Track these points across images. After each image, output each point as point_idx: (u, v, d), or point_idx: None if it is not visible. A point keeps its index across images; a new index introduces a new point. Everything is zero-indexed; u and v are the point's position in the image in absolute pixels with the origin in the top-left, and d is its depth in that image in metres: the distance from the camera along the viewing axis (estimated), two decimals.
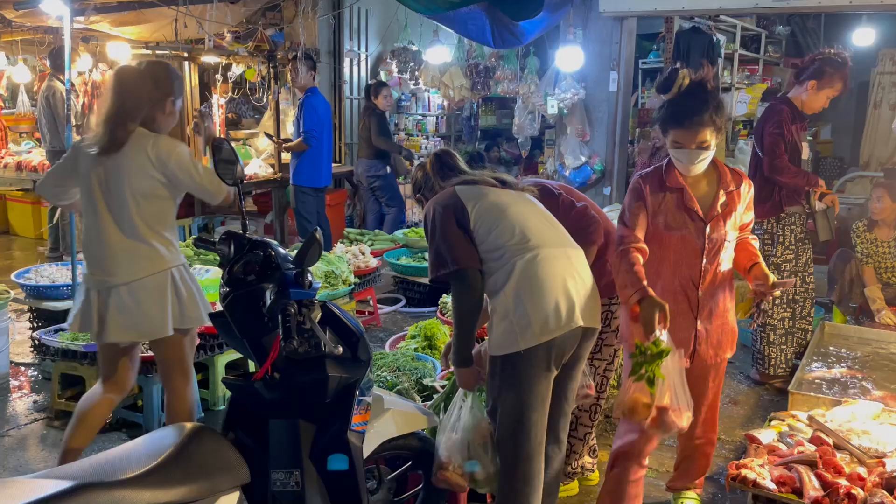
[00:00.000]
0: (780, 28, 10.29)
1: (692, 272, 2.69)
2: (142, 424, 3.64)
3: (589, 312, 2.42)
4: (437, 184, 2.67)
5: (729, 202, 2.67)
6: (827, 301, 5.23)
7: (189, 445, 1.72)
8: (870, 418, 3.20)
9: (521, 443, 2.41)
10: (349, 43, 8.12)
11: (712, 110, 2.55)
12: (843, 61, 3.99)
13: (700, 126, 2.54)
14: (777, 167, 4.01)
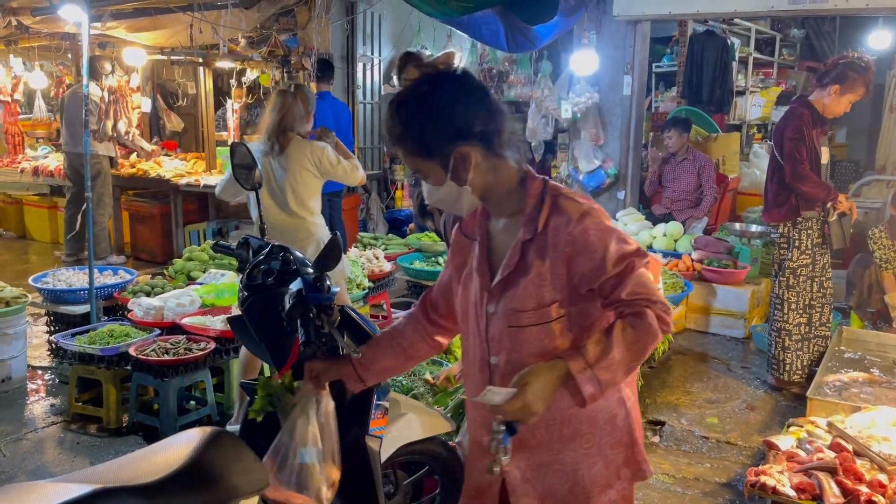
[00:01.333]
0: (795, 31, 10.24)
1: (482, 372, 1.76)
2: (158, 428, 3.65)
3: None
4: None
5: (523, 256, 1.65)
6: (844, 306, 5.19)
7: (209, 450, 1.72)
8: (890, 424, 3.17)
9: None
10: (362, 48, 8.14)
11: (401, 128, 1.64)
12: (866, 66, 3.96)
13: (396, 149, 1.69)
14: (800, 174, 3.96)
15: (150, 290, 4.38)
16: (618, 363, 1.54)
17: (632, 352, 1.55)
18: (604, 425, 1.71)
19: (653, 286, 1.61)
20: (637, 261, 1.59)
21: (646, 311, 1.56)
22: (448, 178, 1.64)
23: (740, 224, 6.26)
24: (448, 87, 1.63)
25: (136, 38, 6.98)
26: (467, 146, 1.60)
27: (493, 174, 1.66)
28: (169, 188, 6.98)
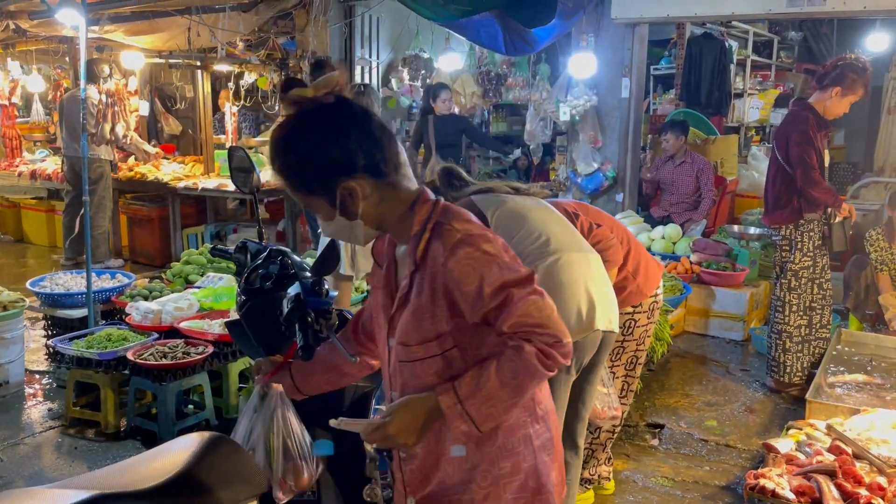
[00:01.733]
0: (793, 33, 10.26)
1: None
2: (156, 433, 3.64)
3: (609, 316, 2.44)
4: (450, 196, 2.67)
5: (410, 287, 1.59)
6: (842, 308, 5.19)
7: (207, 455, 1.71)
8: (889, 427, 3.17)
9: None
10: (360, 51, 8.14)
11: (280, 164, 1.57)
12: (864, 66, 3.98)
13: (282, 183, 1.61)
14: (812, 180, 3.95)
15: (148, 294, 4.38)
16: (493, 400, 1.47)
17: (508, 388, 1.47)
18: (503, 465, 1.58)
19: (543, 316, 1.47)
20: (517, 291, 1.47)
21: (524, 345, 1.46)
22: (337, 215, 1.56)
23: (739, 226, 6.26)
24: (324, 122, 1.54)
25: (134, 41, 6.98)
26: (352, 181, 1.52)
27: (386, 203, 1.58)
28: (167, 191, 6.98)
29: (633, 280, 2.88)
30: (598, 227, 2.80)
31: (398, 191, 1.59)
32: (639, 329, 3.00)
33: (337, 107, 1.55)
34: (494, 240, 1.54)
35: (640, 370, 3.18)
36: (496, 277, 1.48)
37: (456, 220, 1.56)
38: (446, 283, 1.52)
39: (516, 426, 1.59)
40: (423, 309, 1.56)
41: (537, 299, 1.49)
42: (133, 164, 7.55)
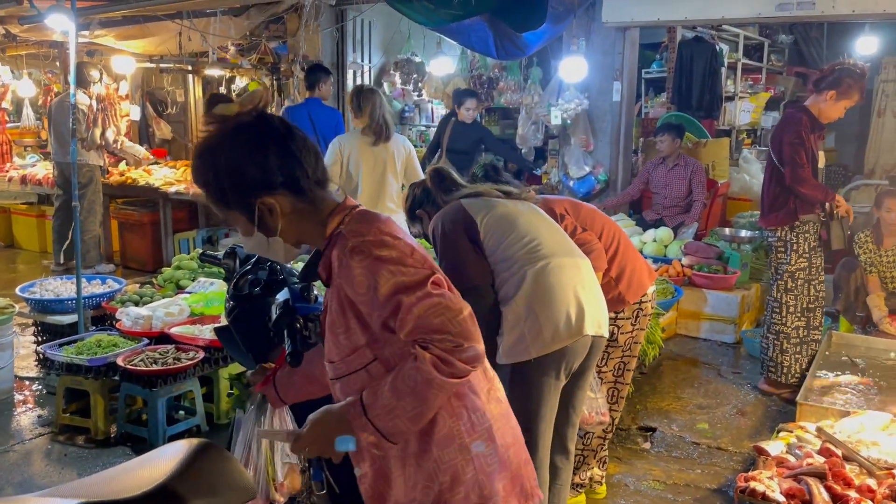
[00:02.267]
0: (783, 37, 10.31)
1: None
2: (147, 439, 3.62)
3: (598, 321, 2.44)
4: (441, 198, 2.68)
5: (329, 302, 1.62)
6: (832, 310, 5.21)
7: (195, 462, 1.70)
8: (879, 429, 3.18)
9: (529, 451, 2.41)
10: (352, 55, 8.14)
11: (200, 179, 1.58)
12: (861, 72, 4.02)
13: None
14: (800, 177, 3.99)
15: (139, 300, 4.36)
16: (396, 410, 1.44)
17: (410, 399, 1.44)
18: (443, 479, 1.54)
19: (442, 320, 1.42)
20: (410, 295, 1.44)
21: (421, 353, 1.42)
22: (255, 231, 1.56)
23: (730, 229, 6.28)
24: (243, 138, 1.53)
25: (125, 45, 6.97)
26: (270, 197, 1.53)
27: (306, 219, 1.58)
28: (158, 196, 6.96)
29: (615, 286, 2.87)
30: (582, 231, 2.80)
31: (319, 206, 1.59)
32: (623, 336, 2.98)
33: (256, 124, 1.55)
34: (393, 244, 1.50)
35: (631, 376, 3.17)
36: (388, 282, 1.45)
37: (355, 228, 1.54)
38: (346, 293, 1.51)
39: (450, 437, 1.54)
40: (336, 324, 1.56)
41: (435, 301, 1.44)
42: (124, 169, 7.53)
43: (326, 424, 1.53)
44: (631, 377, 3.17)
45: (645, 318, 3.03)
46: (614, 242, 2.95)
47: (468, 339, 1.44)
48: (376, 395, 1.47)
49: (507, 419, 1.67)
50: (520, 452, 1.67)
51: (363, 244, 1.49)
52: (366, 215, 1.59)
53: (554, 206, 2.88)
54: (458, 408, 1.55)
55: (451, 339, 1.42)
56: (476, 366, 1.47)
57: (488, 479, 1.56)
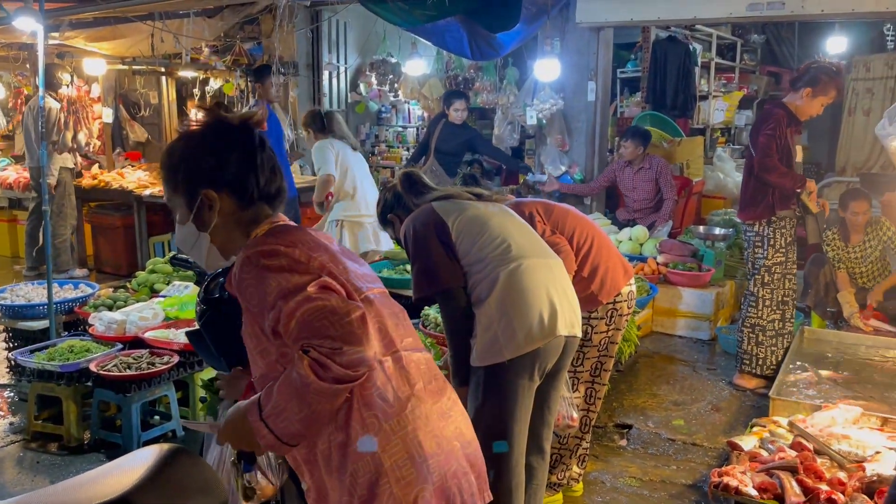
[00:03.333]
0: (755, 36, 10.43)
1: None
2: (121, 445, 3.58)
3: (570, 321, 2.45)
4: (411, 202, 2.68)
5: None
6: (802, 306, 5.28)
7: (166, 467, 1.68)
8: (849, 423, 3.23)
9: (504, 454, 2.42)
10: (328, 56, 8.12)
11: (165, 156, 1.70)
12: (836, 70, 4.11)
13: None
14: (766, 166, 4.05)
15: (112, 304, 4.31)
16: (285, 412, 1.45)
17: (294, 401, 1.44)
18: (360, 493, 1.52)
19: (322, 325, 1.42)
20: (289, 301, 1.44)
21: (300, 356, 1.42)
22: (190, 220, 1.64)
23: (704, 227, 6.33)
24: (215, 134, 1.65)
25: (96, 47, 6.88)
26: (214, 192, 1.61)
27: (240, 229, 1.65)
28: (132, 199, 6.88)
29: (587, 286, 2.88)
30: (552, 234, 2.82)
31: (254, 219, 1.66)
32: (598, 336, 3.00)
33: (235, 127, 1.65)
34: (284, 253, 1.52)
35: (608, 376, 3.18)
36: (271, 290, 1.47)
37: (256, 241, 1.58)
38: (246, 307, 1.55)
39: (361, 451, 1.53)
40: (247, 336, 1.59)
41: (317, 305, 1.44)
42: (97, 172, 7.44)
43: (237, 420, 1.55)
44: (608, 377, 3.18)
45: (621, 318, 3.03)
46: (587, 242, 2.95)
47: (350, 343, 1.42)
48: (269, 395, 1.48)
49: (430, 425, 1.60)
50: (448, 462, 1.60)
51: (252, 256, 1.53)
52: (280, 229, 1.63)
53: (524, 209, 2.89)
54: (368, 418, 1.52)
55: (330, 343, 1.41)
56: (360, 370, 1.44)
57: (403, 491, 1.52)
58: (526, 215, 2.82)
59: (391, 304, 1.72)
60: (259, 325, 1.53)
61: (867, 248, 4.96)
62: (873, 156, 8.96)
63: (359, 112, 8.60)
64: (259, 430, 1.48)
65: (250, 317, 1.55)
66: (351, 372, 1.43)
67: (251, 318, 1.55)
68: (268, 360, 1.55)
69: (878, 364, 4.13)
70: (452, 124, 6.61)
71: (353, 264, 1.65)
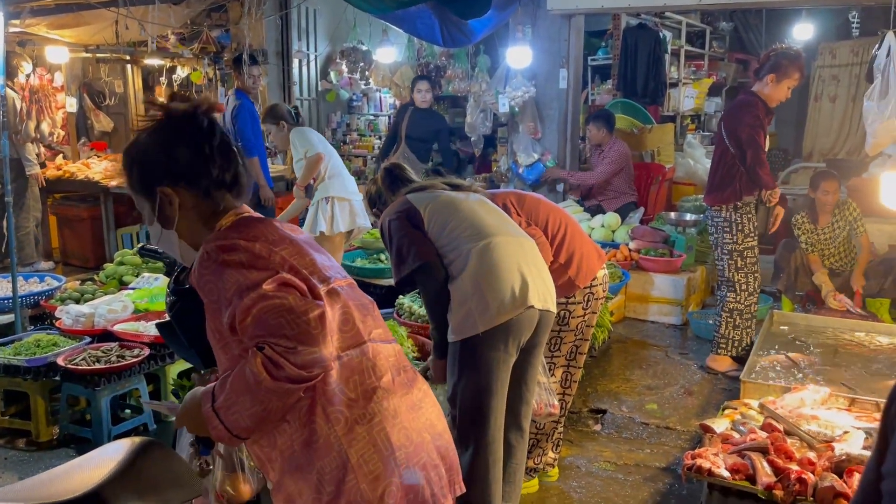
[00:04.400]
0: (724, 24, 10.53)
1: None
2: (91, 439, 3.53)
3: (544, 296, 2.49)
4: (389, 197, 2.79)
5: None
6: (773, 290, 5.36)
7: (138, 460, 1.67)
8: (818, 404, 3.28)
9: (482, 427, 2.45)
10: (297, 43, 8.02)
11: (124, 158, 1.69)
12: (795, 53, 4.21)
13: None
14: (761, 160, 4.15)
15: (80, 297, 4.23)
16: (236, 405, 1.42)
17: (247, 396, 1.41)
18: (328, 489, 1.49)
19: (278, 323, 1.39)
20: (245, 298, 1.41)
21: (254, 353, 1.40)
22: (155, 220, 1.63)
23: (675, 213, 6.40)
24: (164, 129, 1.62)
25: (59, 35, 6.71)
26: (171, 188, 1.59)
27: (204, 222, 1.62)
28: (98, 190, 6.75)
29: (564, 272, 2.91)
30: (527, 226, 2.87)
31: (217, 210, 1.63)
32: (575, 320, 3.02)
33: (182, 118, 1.61)
34: (245, 248, 1.49)
35: (583, 360, 3.21)
36: (229, 286, 1.45)
37: (218, 235, 1.56)
38: (206, 302, 1.52)
39: (329, 445, 1.49)
40: (210, 331, 1.57)
41: (275, 303, 1.41)
42: (61, 163, 7.28)
43: (193, 407, 1.53)
44: (583, 361, 3.21)
45: (597, 301, 3.07)
46: (561, 229, 2.98)
47: (306, 343, 1.39)
48: (223, 387, 1.45)
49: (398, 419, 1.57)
50: (417, 455, 1.58)
51: (212, 250, 1.50)
52: (243, 222, 1.60)
53: (497, 200, 2.94)
54: (333, 413, 1.49)
55: (285, 342, 1.38)
56: (314, 371, 1.41)
57: (370, 486, 1.49)
58: (500, 206, 2.85)
59: (359, 295, 1.69)
60: (219, 320, 1.50)
61: (835, 229, 5.05)
62: (839, 142, 9.13)
63: (329, 100, 8.52)
64: (211, 419, 1.45)
65: (211, 312, 1.52)
66: (304, 372, 1.40)
67: (212, 314, 1.52)
68: (230, 355, 1.52)
69: (845, 346, 4.20)
70: (421, 111, 6.60)
71: (320, 256, 1.62)
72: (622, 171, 6.40)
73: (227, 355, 1.53)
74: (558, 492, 3.23)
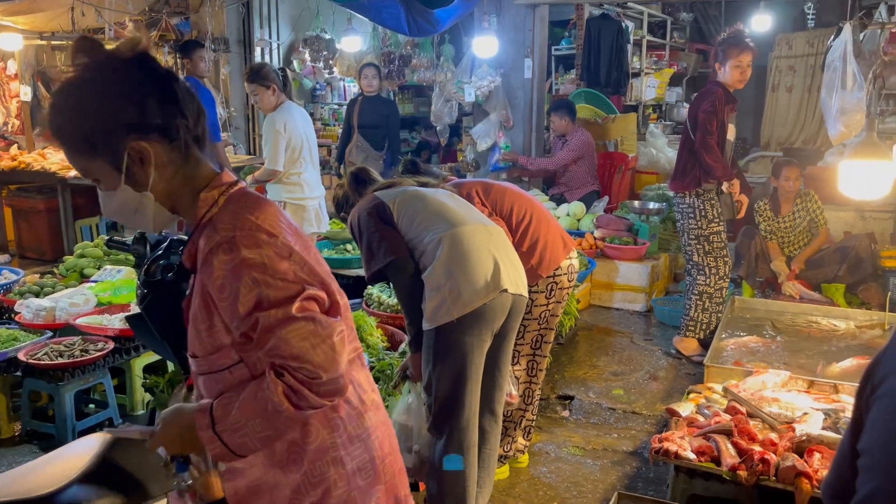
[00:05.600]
0: (685, 14, 10.66)
1: None
2: (54, 436, 3.46)
3: (515, 281, 2.53)
4: (355, 199, 2.81)
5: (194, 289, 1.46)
6: (735, 276, 5.48)
7: (112, 454, 1.65)
8: (779, 386, 3.37)
9: (456, 413, 2.48)
10: (260, 31, 7.91)
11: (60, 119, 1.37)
12: (732, 35, 4.30)
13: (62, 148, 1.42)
14: (707, 144, 4.22)
15: (40, 291, 4.13)
16: (245, 429, 1.32)
17: (260, 421, 1.32)
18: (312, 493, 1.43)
19: (304, 346, 1.28)
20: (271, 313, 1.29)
21: (273, 378, 1.30)
22: (122, 182, 1.36)
23: (639, 202, 6.49)
24: (115, 73, 1.33)
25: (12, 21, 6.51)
26: (144, 141, 1.33)
27: (181, 179, 1.41)
28: (56, 181, 6.59)
29: (526, 260, 2.94)
30: (490, 216, 2.92)
31: (197, 168, 1.42)
32: (538, 309, 3.05)
33: (135, 60, 1.35)
34: (267, 243, 1.32)
35: (549, 348, 3.23)
36: (250, 293, 1.29)
37: (229, 217, 1.35)
38: (209, 289, 1.34)
39: (323, 450, 1.42)
40: (197, 318, 1.40)
41: (300, 326, 1.29)
42: (16, 153, 7.08)
43: (178, 426, 1.40)
44: (549, 349, 3.24)
45: (561, 291, 3.09)
46: (526, 218, 3.01)
47: (329, 371, 1.30)
48: (227, 410, 1.33)
49: (385, 426, 1.56)
50: (395, 461, 1.58)
51: (232, 240, 1.31)
52: (247, 198, 1.40)
53: (463, 190, 3.00)
54: (333, 419, 1.43)
55: (309, 370, 1.29)
56: (334, 399, 1.34)
57: (361, 494, 1.46)
58: (464, 195, 2.93)
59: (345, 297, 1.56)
60: (218, 312, 1.36)
61: (796, 218, 5.18)
62: (795, 131, 9.33)
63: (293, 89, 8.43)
64: (211, 442, 1.34)
65: (210, 301, 1.36)
66: (326, 401, 1.33)
67: (210, 303, 1.36)
68: (216, 342, 1.39)
69: (803, 329, 4.33)
70: (370, 98, 6.60)
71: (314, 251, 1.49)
72: (583, 159, 6.47)
73: (211, 340, 1.39)
74: (528, 477, 3.27)
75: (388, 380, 3.22)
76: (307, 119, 4.87)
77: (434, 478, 2.55)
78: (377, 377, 3.35)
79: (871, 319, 4.35)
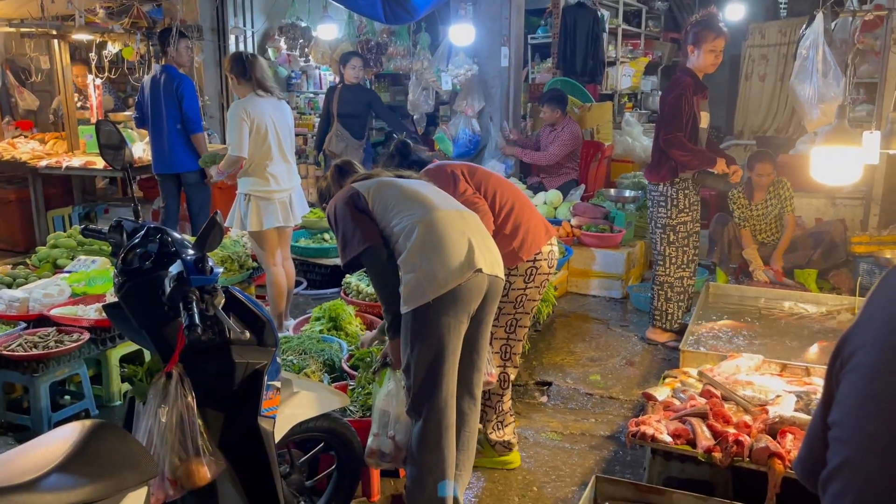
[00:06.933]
0: (659, 3, 10.72)
1: None
2: (29, 427, 3.42)
3: (490, 262, 2.56)
4: (336, 191, 2.84)
5: None
6: (709, 263, 5.55)
7: (91, 442, 1.63)
8: (752, 370, 3.43)
9: (434, 394, 2.49)
10: (234, 19, 7.82)
11: None
12: (705, 17, 4.25)
13: None
14: (671, 142, 4.20)
15: (12, 282, 4.08)
16: None
17: None
18: None
19: None
20: None
21: None
22: None
23: (615, 190, 6.54)
24: None
25: None
26: None
27: None
28: (27, 171, 6.48)
29: (508, 243, 2.97)
30: (473, 194, 2.96)
31: None
32: (515, 292, 3.07)
33: None
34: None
35: (525, 333, 3.24)
36: None
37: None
38: None
39: None
40: None
41: None
42: None
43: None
44: (525, 334, 3.23)
45: (540, 276, 3.11)
46: (507, 203, 3.03)
47: None
48: None
49: None
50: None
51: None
52: None
53: (448, 168, 3.04)
54: None
55: None
56: None
57: None
58: (449, 174, 2.97)
59: None
60: None
61: (769, 206, 5.26)
62: (768, 119, 9.44)
63: None
64: None
65: None
66: None
67: None
68: None
69: (776, 314, 4.40)
70: (350, 87, 6.57)
71: None
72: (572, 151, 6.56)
73: None
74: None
75: (367, 367, 3.24)
76: (281, 110, 4.51)
77: (413, 462, 2.57)
78: (356, 365, 3.36)
79: (842, 304, 4.44)
